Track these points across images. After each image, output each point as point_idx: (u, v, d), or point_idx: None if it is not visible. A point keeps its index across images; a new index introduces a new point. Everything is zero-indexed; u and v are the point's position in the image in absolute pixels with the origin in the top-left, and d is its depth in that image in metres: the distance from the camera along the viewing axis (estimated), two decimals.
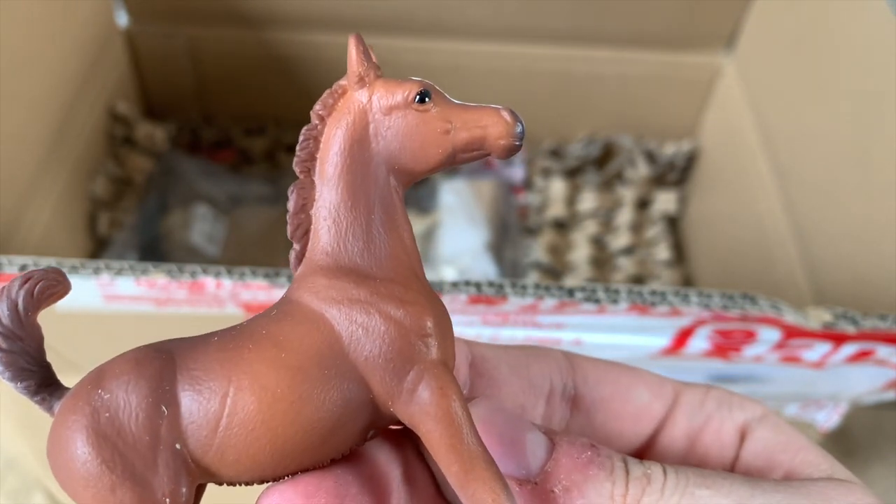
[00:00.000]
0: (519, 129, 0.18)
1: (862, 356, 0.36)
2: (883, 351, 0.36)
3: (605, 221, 0.67)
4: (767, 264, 0.54)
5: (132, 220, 0.61)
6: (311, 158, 0.19)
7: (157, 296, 0.34)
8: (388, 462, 0.19)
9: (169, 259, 0.60)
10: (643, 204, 0.68)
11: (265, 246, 0.63)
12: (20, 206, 0.50)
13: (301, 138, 0.19)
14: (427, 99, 0.18)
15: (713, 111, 0.66)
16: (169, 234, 0.61)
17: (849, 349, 0.36)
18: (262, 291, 0.34)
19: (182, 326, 0.36)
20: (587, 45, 0.63)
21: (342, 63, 0.18)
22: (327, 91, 0.19)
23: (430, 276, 0.20)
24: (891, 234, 0.42)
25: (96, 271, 0.33)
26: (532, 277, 0.61)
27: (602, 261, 0.65)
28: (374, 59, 0.19)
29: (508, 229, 0.65)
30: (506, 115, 0.17)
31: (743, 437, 0.22)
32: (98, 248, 0.59)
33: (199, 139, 0.69)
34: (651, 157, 0.68)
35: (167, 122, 0.68)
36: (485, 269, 0.60)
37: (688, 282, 0.65)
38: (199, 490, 0.18)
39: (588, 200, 0.67)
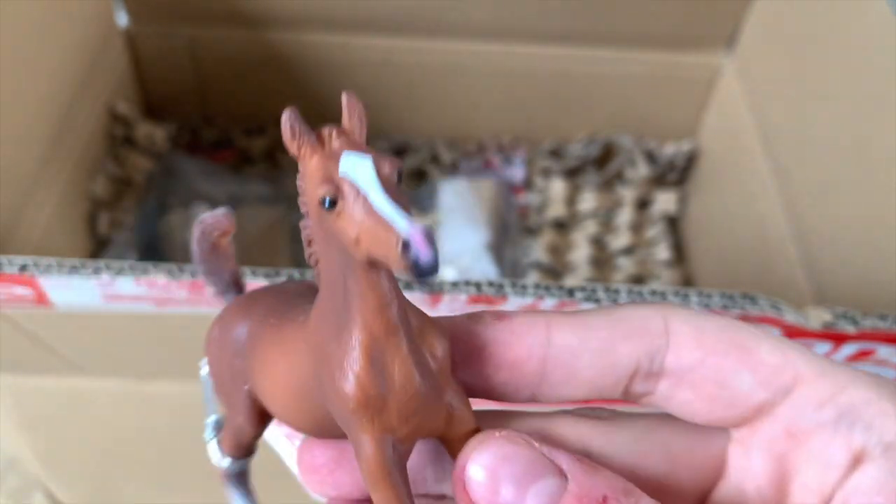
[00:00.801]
0: (412, 261, 0.15)
1: (862, 356, 0.36)
2: (883, 351, 0.36)
3: (605, 221, 0.67)
4: (767, 264, 0.54)
5: (132, 220, 0.61)
6: (303, 202, 0.19)
7: (157, 296, 0.34)
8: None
9: (169, 259, 0.60)
10: (643, 204, 0.68)
11: (265, 246, 0.63)
12: (20, 206, 0.50)
13: (297, 180, 0.18)
14: (335, 204, 0.16)
15: (713, 111, 0.66)
16: (169, 234, 0.61)
17: (849, 349, 0.36)
18: None
19: (182, 326, 0.37)
20: (587, 45, 0.64)
21: (342, 63, 0.18)
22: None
23: None
24: (891, 234, 0.42)
25: (96, 271, 0.33)
26: (532, 277, 0.61)
27: (602, 261, 0.65)
28: (302, 130, 0.17)
29: (508, 229, 0.65)
30: (395, 246, 0.15)
31: (858, 464, 0.18)
32: (98, 248, 0.59)
33: (199, 139, 0.69)
34: (651, 157, 0.68)
35: (167, 122, 0.68)
36: (485, 269, 0.60)
37: (688, 282, 0.65)
38: None
39: (588, 200, 0.67)
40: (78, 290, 0.34)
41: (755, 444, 0.20)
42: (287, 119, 0.16)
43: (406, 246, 0.14)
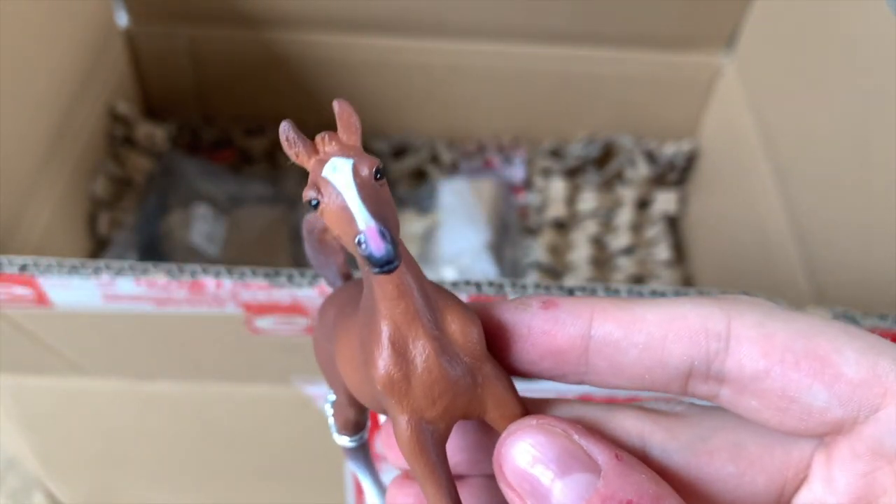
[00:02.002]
0: (375, 260, 0.16)
1: None
2: None
3: (605, 221, 0.67)
4: (767, 264, 0.54)
5: (132, 220, 0.61)
6: None
7: (157, 296, 0.34)
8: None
9: (169, 259, 0.60)
10: (643, 204, 0.68)
11: (265, 246, 0.63)
12: (20, 206, 0.50)
13: None
14: (318, 204, 0.17)
15: (713, 111, 0.66)
16: (169, 234, 0.61)
17: None
18: (262, 291, 0.34)
19: (182, 326, 0.37)
20: (587, 45, 0.64)
21: (342, 63, 0.19)
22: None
23: (431, 276, 0.20)
24: (891, 234, 0.42)
25: (96, 271, 0.33)
26: (532, 277, 0.61)
27: (602, 261, 0.65)
28: (296, 137, 0.18)
29: (508, 229, 0.65)
30: (364, 244, 0.16)
31: None
32: (98, 248, 0.59)
33: (199, 139, 0.69)
34: (651, 157, 0.68)
35: (167, 122, 0.68)
36: (485, 269, 0.60)
37: (688, 282, 0.65)
38: None
39: (588, 200, 0.67)
40: (78, 290, 0.34)
41: (838, 456, 0.18)
42: (283, 131, 0.18)
43: (360, 242, 0.16)
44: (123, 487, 0.50)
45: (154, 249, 0.60)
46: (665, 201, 0.67)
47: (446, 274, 0.60)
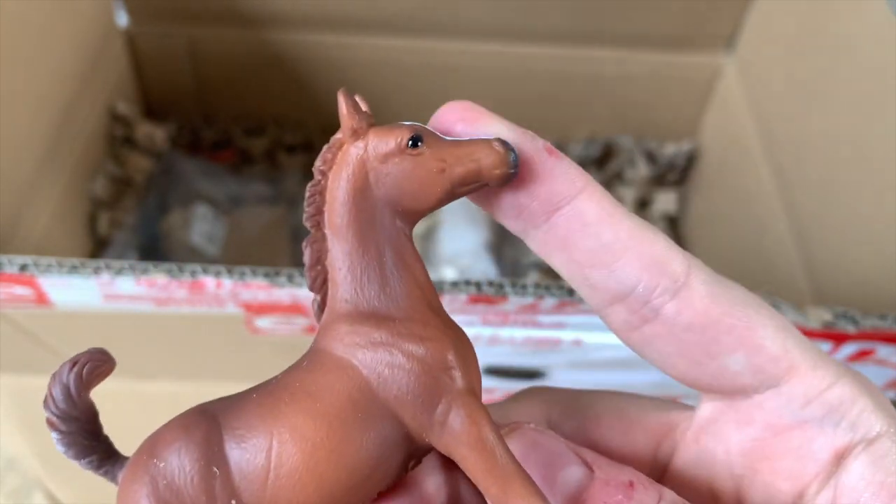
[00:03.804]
0: (511, 157, 0.18)
1: (862, 356, 0.36)
2: (883, 350, 0.36)
3: None
4: (767, 264, 0.54)
5: (132, 220, 0.61)
6: (319, 212, 0.19)
7: (157, 295, 0.34)
8: (436, 489, 0.19)
9: (169, 259, 0.60)
10: (643, 204, 0.68)
11: (265, 246, 0.63)
12: (20, 206, 0.50)
13: (307, 194, 0.19)
14: (419, 143, 0.18)
15: (713, 111, 0.66)
16: (169, 234, 0.61)
17: (849, 349, 0.36)
18: (262, 291, 0.34)
19: (182, 326, 0.37)
20: (587, 45, 0.64)
21: (342, 63, 0.19)
22: (325, 147, 0.19)
23: (431, 275, 0.20)
24: (891, 234, 0.42)
25: (96, 271, 0.33)
26: (532, 277, 0.61)
27: None
28: (365, 110, 0.19)
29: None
30: (497, 145, 0.18)
31: (841, 461, 0.18)
32: (98, 248, 0.59)
33: (199, 139, 0.69)
34: (651, 157, 0.68)
35: (167, 122, 0.68)
36: (485, 268, 0.60)
37: None
38: None
39: None
40: (78, 290, 0.34)
41: (732, 418, 0.20)
42: (346, 97, 0.19)
43: (505, 144, 0.18)
44: None
45: (154, 249, 0.60)
46: (665, 201, 0.67)
47: (446, 274, 0.60)
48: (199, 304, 0.35)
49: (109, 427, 0.22)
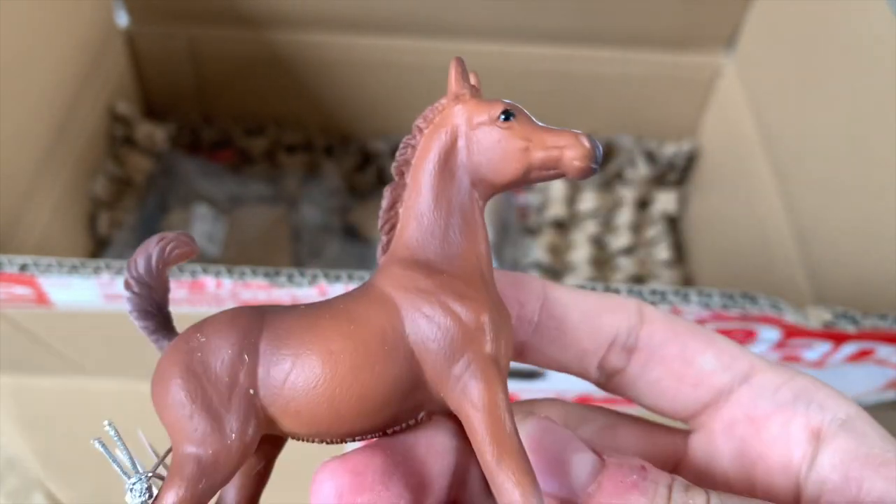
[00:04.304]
0: (597, 153, 0.19)
1: (862, 356, 0.37)
2: (883, 350, 0.36)
3: (605, 221, 0.67)
4: (767, 264, 0.54)
5: (132, 220, 0.61)
6: (407, 164, 0.21)
7: None
8: (443, 452, 0.20)
9: None
10: (643, 204, 0.68)
11: (265, 246, 0.63)
12: (20, 206, 0.50)
13: (401, 145, 0.21)
14: (511, 117, 0.20)
15: (713, 111, 0.66)
16: None
17: (849, 348, 0.36)
18: (262, 291, 0.34)
19: (182, 326, 0.36)
20: (587, 45, 0.64)
21: (342, 63, 0.19)
22: (429, 107, 0.21)
23: None
24: (891, 234, 0.42)
25: (96, 271, 0.33)
26: None
27: (602, 261, 0.65)
28: (472, 83, 0.21)
29: (508, 229, 0.65)
30: (584, 139, 0.19)
31: (818, 440, 0.20)
32: (98, 248, 0.59)
33: (199, 139, 0.69)
34: (651, 157, 0.68)
35: (167, 122, 0.68)
36: None
37: (688, 282, 0.65)
38: (275, 447, 0.21)
39: (588, 200, 0.67)
40: (78, 290, 0.34)
41: (718, 429, 0.22)
42: (458, 65, 0.21)
43: (592, 139, 0.19)
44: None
45: None
46: (665, 201, 0.67)
47: None
48: (199, 303, 0.35)
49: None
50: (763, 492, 0.21)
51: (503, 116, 0.20)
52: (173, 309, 0.22)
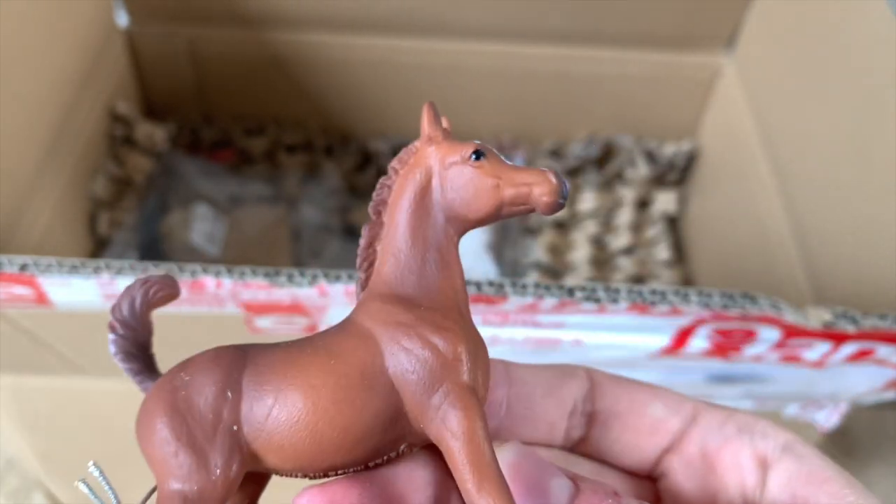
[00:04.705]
0: (564, 189, 0.20)
1: (862, 356, 0.37)
2: (883, 350, 0.36)
3: (605, 221, 0.67)
4: (767, 264, 0.54)
5: (132, 220, 0.61)
6: (384, 203, 0.22)
7: None
8: (422, 485, 0.20)
9: (169, 259, 0.60)
10: (643, 204, 0.68)
11: (265, 246, 0.63)
12: (20, 206, 0.50)
13: (377, 186, 0.22)
14: (482, 157, 0.20)
15: (713, 111, 0.66)
16: (169, 234, 0.61)
17: (849, 349, 0.36)
18: (262, 291, 0.34)
19: (182, 326, 0.36)
20: (587, 45, 0.64)
21: (342, 63, 0.19)
22: (404, 149, 0.22)
23: None
24: (891, 234, 0.42)
25: (96, 271, 0.33)
26: (532, 277, 0.61)
27: (602, 261, 0.65)
28: (444, 125, 0.22)
29: (508, 229, 0.65)
30: (551, 176, 0.20)
31: (765, 466, 0.22)
32: (98, 248, 0.59)
33: (199, 139, 0.69)
34: (651, 157, 0.68)
35: (167, 122, 0.68)
36: (485, 268, 0.60)
37: (688, 281, 0.65)
38: (259, 485, 0.21)
39: (588, 200, 0.67)
40: (78, 290, 0.34)
41: (679, 470, 0.23)
42: (430, 109, 0.21)
43: (559, 176, 0.20)
44: (123, 487, 0.50)
45: (154, 249, 0.60)
46: (665, 201, 0.67)
47: None
48: (199, 303, 0.35)
49: (109, 427, 0.22)
50: None
51: (474, 156, 0.21)
52: (174, 309, 0.22)
